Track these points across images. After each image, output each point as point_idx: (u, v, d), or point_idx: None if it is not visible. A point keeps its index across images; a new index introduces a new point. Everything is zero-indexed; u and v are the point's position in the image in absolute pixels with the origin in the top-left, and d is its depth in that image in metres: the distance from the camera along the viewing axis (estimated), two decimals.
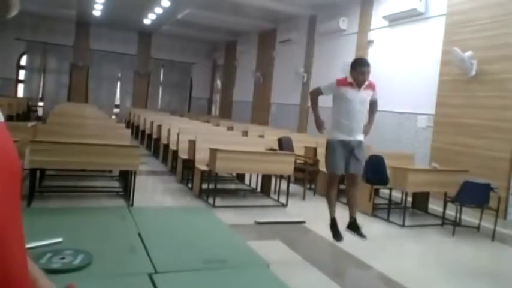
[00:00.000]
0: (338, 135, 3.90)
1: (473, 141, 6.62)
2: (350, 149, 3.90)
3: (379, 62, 9.13)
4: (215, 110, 19.07)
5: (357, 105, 3.88)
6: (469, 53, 6.64)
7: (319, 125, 4.00)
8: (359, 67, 3.92)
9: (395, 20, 8.67)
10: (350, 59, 9.62)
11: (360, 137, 3.97)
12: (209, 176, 6.19)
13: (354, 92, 3.88)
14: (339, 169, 3.92)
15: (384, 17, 8.91)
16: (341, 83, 3.93)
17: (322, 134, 3.95)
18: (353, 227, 4.03)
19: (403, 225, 5.54)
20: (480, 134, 6.52)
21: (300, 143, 7.92)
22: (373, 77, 9.53)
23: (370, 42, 9.41)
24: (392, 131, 8.14)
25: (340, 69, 9.67)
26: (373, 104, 4.06)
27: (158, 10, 12.82)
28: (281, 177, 6.53)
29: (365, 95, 3.95)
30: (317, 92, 4.11)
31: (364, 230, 4.09)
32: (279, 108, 13.02)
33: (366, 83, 3.96)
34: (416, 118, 7.88)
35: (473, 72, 6.70)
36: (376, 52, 9.25)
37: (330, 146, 3.97)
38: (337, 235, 3.93)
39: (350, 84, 3.90)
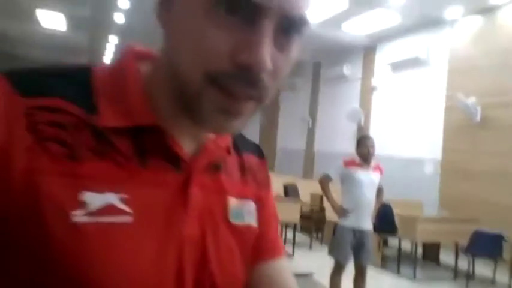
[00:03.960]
0: (348, 221, 3.78)
1: (482, 188, 6.51)
2: (359, 239, 3.79)
3: (383, 107, 9.20)
4: None
5: (367, 188, 3.77)
6: (472, 99, 6.66)
7: (340, 212, 3.85)
8: (363, 141, 3.89)
9: (398, 66, 8.80)
10: (355, 104, 9.80)
11: (369, 225, 3.85)
12: None
13: (364, 173, 3.79)
14: (346, 259, 3.78)
15: (387, 64, 9.05)
16: (349, 163, 3.84)
17: (347, 217, 3.80)
18: None
19: (414, 278, 5.34)
20: (488, 181, 6.42)
21: (306, 189, 7.82)
22: (377, 122, 9.62)
23: (374, 88, 9.51)
24: (398, 177, 8.03)
25: (345, 115, 9.74)
26: (379, 191, 3.97)
27: None
28: (286, 225, 6.39)
29: (374, 177, 3.84)
30: (326, 179, 3.96)
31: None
32: (285, 154, 13.01)
33: (373, 163, 3.87)
34: (423, 164, 7.81)
35: (478, 118, 6.69)
36: (380, 98, 9.33)
37: (338, 231, 3.84)
38: None
39: (359, 165, 3.82)
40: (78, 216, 0.42)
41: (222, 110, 0.45)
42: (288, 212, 6.03)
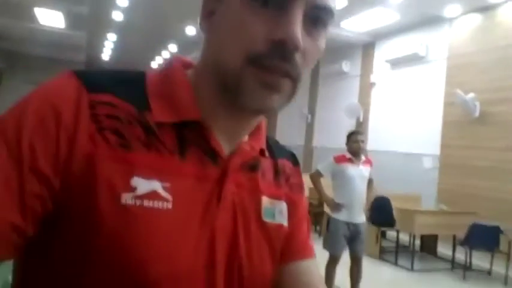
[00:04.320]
0: (341, 215, 3.83)
1: (480, 182, 6.56)
2: (353, 232, 3.84)
3: (382, 103, 9.24)
4: None
5: (358, 182, 3.82)
6: (471, 95, 6.70)
7: (334, 206, 3.89)
8: (353, 136, 3.93)
9: (397, 63, 8.83)
10: (354, 100, 9.83)
11: (362, 218, 3.90)
12: None
13: (354, 167, 3.84)
14: (340, 251, 3.84)
15: (386, 61, 9.08)
16: (339, 159, 3.89)
17: (340, 211, 3.85)
18: None
19: (411, 269, 5.39)
20: (487, 175, 6.46)
21: (305, 183, 7.84)
22: (376, 117, 9.64)
23: (373, 84, 9.55)
24: (397, 172, 8.09)
25: (344, 110, 9.77)
26: (370, 182, 4.02)
27: (165, 54, 13.17)
28: None
29: (364, 171, 3.89)
30: (317, 175, 4.01)
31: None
32: None
33: (363, 158, 3.93)
34: (422, 159, 7.85)
35: (477, 114, 6.73)
36: (379, 94, 9.37)
37: (332, 225, 3.88)
38: None
39: (349, 160, 3.87)
40: (128, 198, 0.47)
41: (262, 84, 0.49)
42: None
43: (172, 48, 12.14)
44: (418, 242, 6.22)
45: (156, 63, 14.93)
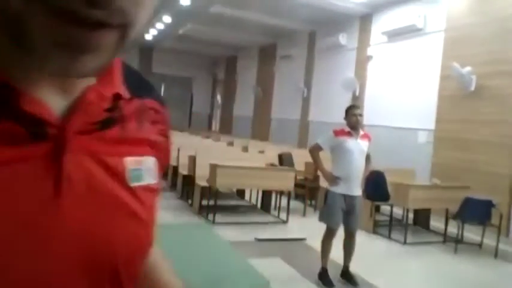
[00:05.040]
0: (339, 188, 3.86)
1: (474, 156, 6.60)
2: (350, 205, 3.88)
3: (378, 77, 9.19)
4: (215, 125, 19.10)
5: (357, 156, 3.85)
6: (468, 68, 6.67)
7: (331, 179, 3.91)
8: (351, 110, 3.95)
9: (394, 35, 8.74)
10: (350, 73, 9.77)
11: (359, 192, 3.94)
12: (209, 192, 6.15)
13: (353, 141, 3.85)
14: (336, 224, 3.89)
15: (383, 33, 8.98)
16: (339, 133, 3.91)
17: (338, 184, 3.87)
18: (346, 275, 4.00)
19: (404, 243, 5.49)
20: (481, 149, 6.51)
21: (301, 158, 7.89)
22: (372, 91, 9.61)
23: (370, 57, 9.47)
24: (392, 146, 8.13)
25: (340, 84, 9.73)
26: (367, 158, 4.03)
27: (159, 26, 12.93)
28: (281, 193, 6.49)
29: (363, 145, 3.91)
30: (317, 149, 4.02)
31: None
32: (280, 123, 13.04)
33: (362, 132, 3.95)
34: (417, 133, 7.88)
35: (473, 88, 6.72)
36: (376, 67, 9.30)
37: (329, 198, 3.91)
38: (328, 283, 3.86)
39: (348, 134, 3.88)
40: None
41: (60, 42, 0.33)
42: (283, 180, 6.12)
43: (166, 19, 11.92)
44: (411, 216, 6.31)
45: (150, 35, 14.68)
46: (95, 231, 0.42)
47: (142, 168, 0.48)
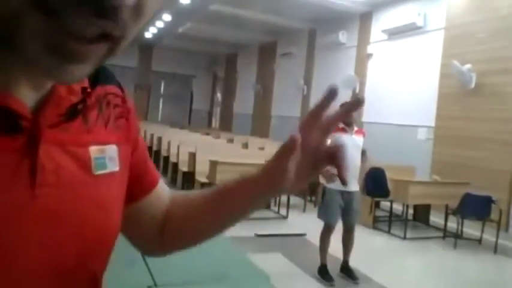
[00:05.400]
0: (335, 184, 3.87)
1: (473, 153, 6.62)
2: (347, 201, 3.91)
3: (378, 74, 9.20)
4: (215, 122, 19.10)
5: (352, 151, 3.87)
6: (468, 66, 6.68)
7: (328, 177, 3.93)
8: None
9: (394, 33, 8.74)
10: (350, 71, 9.77)
11: (356, 187, 3.98)
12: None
13: (348, 137, 3.87)
14: (334, 220, 3.92)
15: (383, 31, 8.98)
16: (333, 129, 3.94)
17: (334, 181, 3.89)
18: (346, 270, 4.02)
19: (404, 238, 5.51)
20: (480, 146, 6.52)
21: None
22: (372, 89, 9.59)
23: (370, 55, 9.47)
24: (392, 143, 8.14)
25: (340, 81, 9.73)
26: (363, 153, 4.06)
27: (159, 24, 12.92)
28: None
29: (358, 141, 3.96)
30: None
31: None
32: (280, 121, 13.05)
33: (356, 128, 3.99)
34: (417, 130, 7.89)
35: (473, 85, 6.73)
36: (376, 65, 9.31)
37: (327, 194, 3.95)
38: (328, 279, 3.88)
39: (342, 130, 3.91)
40: None
41: (54, 49, 0.32)
42: None
43: (166, 17, 11.91)
44: (411, 212, 6.34)
45: (150, 33, 14.67)
46: (67, 221, 0.43)
47: (106, 157, 0.49)
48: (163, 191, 0.66)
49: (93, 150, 0.47)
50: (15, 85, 0.38)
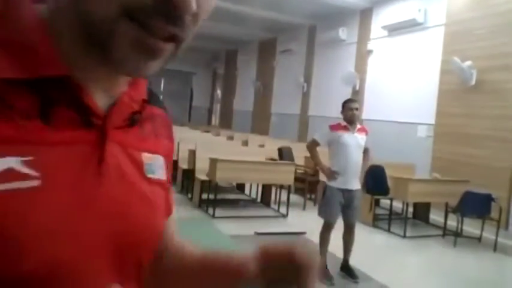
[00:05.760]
0: (336, 182, 3.87)
1: (474, 151, 6.61)
2: (348, 199, 3.88)
3: (378, 71, 9.17)
4: (215, 119, 19.08)
5: (353, 149, 3.86)
6: (468, 63, 6.65)
7: (329, 175, 3.92)
8: (347, 104, 3.96)
9: (394, 29, 8.71)
10: (350, 68, 9.74)
11: (358, 185, 3.95)
12: (209, 186, 6.16)
13: (349, 135, 3.86)
14: (334, 218, 3.90)
15: (383, 27, 8.95)
16: (335, 127, 3.92)
17: (336, 179, 3.89)
18: (346, 269, 4.02)
19: (404, 236, 5.50)
20: (481, 143, 6.51)
21: (300, 152, 7.88)
22: (372, 86, 9.59)
23: (370, 51, 9.44)
24: (392, 141, 8.12)
25: (340, 78, 9.70)
26: (366, 151, 4.03)
27: None
28: (281, 187, 6.50)
29: (360, 139, 3.92)
30: (314, 144, 4.04)
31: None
32: (279, 118, 13.03)
33: (358, 126, 3.96)
34: (417, 128, 7.88)
35: (473, 82, 6.71)
36: (376, 62, 9.28)
37: (327, 192, 3.92)
38: (328, 277, 3.88)
39: (344, 128, 3.89)
40: None
41: (139, 47, 0.42)
42: (283, 175, 6.13)
43: None
44: (410, 210, 6.33)
45: None
46: (123, 210, 0.49)
47: (155, 164, 0.55)
48: (170, 226, 0.66)
49: (145, 156, 0.54)
50: (94, 91, 0.47)
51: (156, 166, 0.56)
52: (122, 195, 0.49)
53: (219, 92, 18.86)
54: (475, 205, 5.31)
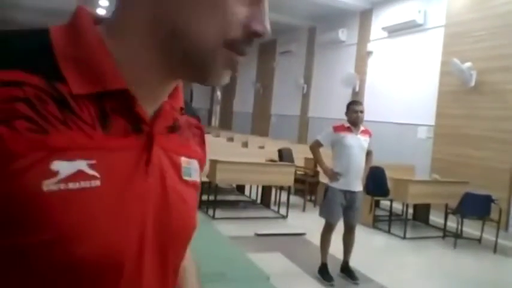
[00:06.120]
0: (338, 184, 3.86)
1: (473, 152, 6.61)
2: (350, 201, 3.88)
3: (378, 72, 9.18)
4: (215, 120, 19.08)
5: (356, 151, 3.84)
6: (468, 64, 6.66)
7: (331, 176, 3.91)
8: (352, 106, 3.94)
9: (394, 31, 8.72)
10: (350, 69, 9.76)
11: (360, 187, 3.93)
12: (209, 187, 6.16)
13: (353, 137, 3.85)
14: (335, 219, 3.90)
15: (383, 28, 8.97)
16: (338, 129, 3.91)
17: (338, 180, 3.88)
18: (346, 270, 4.01)
19: (404, 237, 5.50)
20: (480, 145, 6.51)
21: (300, 154, 7.90)
22: (372, 87, 9.61)
23: (370, 53, 9.45)
24: (392, 142, 8.13)
25: (340, 80, 9.71)
26: (369, 154, 4.03)
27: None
28: (281, 188, 6.50)
29: (363, 141, 3.91)
30: (317, 145, 4.04)
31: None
32: (279, 119, 13.04)
33: (362, 128, 3.94)
34: (416, 129, 7.88)
35: (473, 83, 6.72)
36: (376, 63, 9.29)
37: (329, 192, 3.92)
38: (328, 278, 3.87)
39: (348, 129, 3.88)
40: (50, 184, 0.44)
41: (230, 66, 0.52)
42: (283, 176, 6.13)
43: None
44: (410, 211, 6.33)
45: None
46: (166, 206, 0.55)
47: (191, 168, 0.62)
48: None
49: (184, 160, 0.60)
50: (144, 101, 0.52)
51: (192, 169, 0.62)
52: (164, 193, 0.55)
53: (219, 93, 18.87)
54: (475, 206, 5.31)
